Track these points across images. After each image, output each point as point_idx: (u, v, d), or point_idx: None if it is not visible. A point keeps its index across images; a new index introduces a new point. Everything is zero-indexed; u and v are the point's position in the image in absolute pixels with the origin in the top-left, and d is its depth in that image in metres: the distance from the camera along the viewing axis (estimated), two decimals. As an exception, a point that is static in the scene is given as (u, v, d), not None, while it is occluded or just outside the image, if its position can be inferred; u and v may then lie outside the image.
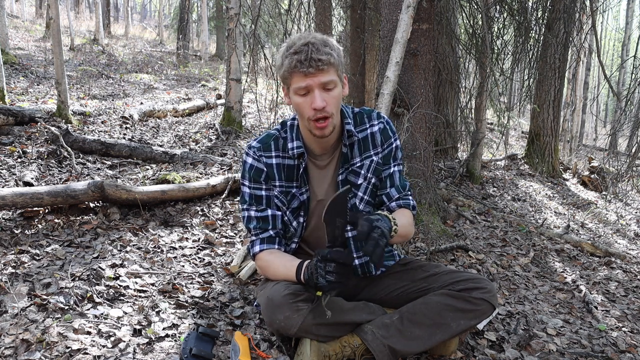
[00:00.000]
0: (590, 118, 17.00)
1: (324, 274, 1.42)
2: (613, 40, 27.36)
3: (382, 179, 1.74)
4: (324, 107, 1.48)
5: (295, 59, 1.45)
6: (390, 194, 1.75)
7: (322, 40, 1.48)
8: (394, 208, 1.74)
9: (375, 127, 1.70)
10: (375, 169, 1.71)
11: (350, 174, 1.69)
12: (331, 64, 1.47)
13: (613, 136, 6.29)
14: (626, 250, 3.84)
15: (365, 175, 1.70)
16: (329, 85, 1.49)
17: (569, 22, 5.25)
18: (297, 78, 1.48)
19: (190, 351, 1.50)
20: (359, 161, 1.69)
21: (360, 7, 5.50)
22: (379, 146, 1.71)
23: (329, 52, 1.46)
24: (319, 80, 1.47)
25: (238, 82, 5.59)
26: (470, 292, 1.63)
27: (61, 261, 2.15)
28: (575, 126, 12.45)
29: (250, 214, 1.71)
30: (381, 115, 1.73)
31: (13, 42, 10.16)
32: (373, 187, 1.73)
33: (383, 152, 1.71)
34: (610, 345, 2.05)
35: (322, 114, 1.49)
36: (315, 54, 1.44)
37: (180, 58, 13.14)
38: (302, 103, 1.51)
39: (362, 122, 1.70)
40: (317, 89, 1.47)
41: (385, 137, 1.71)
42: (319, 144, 1.66)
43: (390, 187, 1.74)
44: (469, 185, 4.93)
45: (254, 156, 1.67)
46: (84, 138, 3.99)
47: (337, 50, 1.51)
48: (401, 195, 1.75)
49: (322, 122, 1.51)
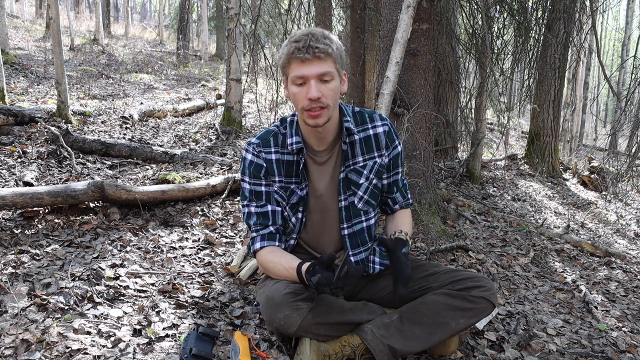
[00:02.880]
0: (590, 118, 17.00)
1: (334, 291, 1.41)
2: (613, 40, 27.36)
3: (390, 184, 1.79)
4: (319, 97, 1.48)
5: (294, 46, 1.47)
6: (395, 199, 1.83)
7: (323, 33, 1.51)
8: (396, 210, 1.85)
9: (379, 128, 1.71)
10: (377, 170, 1.72)
11: (351, 173, 1.70)
12: (329, 54, 1.48)
13: (613, 136, 6.28)
14: (626, 250, 3.84)
15: (367, 175, 1.71)
16: (326, 76, 1.49)
17: (569, 22, 5.25)
18: (294, 65, 1.49)
19: (190, 351, 1.50)
20: (362, 161, 1.70)
21: (360, 7, 5.50)
22: (383, 149, 1.72)
23: (327, 44, 1.48)
24: (316, 71, 1.47)
25: (238, 82, 5.59)
26: (470, 290, 1.64)
27: (61, 261, 2.15)
28: (575, 126, 12.45)
29: (251, 210, 1.71)
30: (384, 117, 1.74)
31: (13, 42, 10.16)
32: (374, 188, 1.74)
33: (389, 156, 1.73)
34: (610, 345, 2.05)
35: (316, 104, 1.50)
36: (314, 42, 1.46)
37: (180, 58, 13.14)
38: (298, 93, 1.51)
39: (363, 122, 1.70)
40: (314, 79, 1.48)
41: (390, 140, 1.72)
42: (317, 139, 1.66)
43: (395, 192, 1.82)
44: (469, 185, 4.93)
45: (253, 152, 1.68)
46: (84, 138, 3.99)
47: (336, 44, 1.52)
48: (405, 198, 1.85)
49: (316, 111, 1.51)
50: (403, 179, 1.84)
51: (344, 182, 1.69)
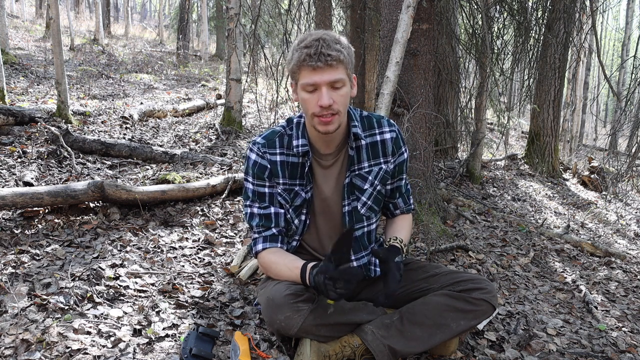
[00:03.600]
0: (590, 118, 16.99)
1: (334, 289, 1.41)
2: (613, 40, 27.36)
3: (393, 190, 1.79)
4: (331, 105, 1.47)
5: (305, 53, 1.44)
6: (397, 204, 1.84)
7: (334, 38, 1.47)
8: (397, 214, 1.86)
9: (386, 134, 1.69)
10: (382, 177, 1.71)
11: (356, 178, 1.68)
12: (340, 61, 1.45)
13: (613, 136, 6.28)
14: (626, 250, 3.84)
15: (372, 181, 1.70)
16: (337, 84, 1.47)
17: (569, 22, 5.25)
18: (305, 72, 1.46)
19: (190, 351, 1.50)
20: (368, 167, 1.69)
21: (360, 7, 5.50)
22: (389, 155, 1.70)
23: (339, 49, 1.45)
24: (327, 78, 1.45)
25: (238, 82, 5.59)
26: (470, 292, 1.63)
27: (61, 261, 2.15)
28: (575, 126, 12.45)
29: (253, 211, 1.69)
30: (392, 123, 1.72)
31: (13, 42, 10.16)
32: (378, 194, 1.73)
33: (394, 163, 1.72)
34: (610, 345, 2.05)
35: (327, 111, 1.48)
36: (326, 49, 1.43)
37: (180, 58, 13.14)
38: (308, 99, 1.49)
39: (370, 127, 1.69)
40: (325, 87, 1.46)
41: (397, 147, 1.71)
42: (324, 143, 1.64)
43: (398, 198, 1.82)
44: (469, 185, 4.93)
45: (258, 152, 1.66)
46: (84, 138, 3.99)
47: (347, 49, 1.50)
48: (407, 204, 1.85)
49: (327, 117, 1.49)
50: (407, 185, 1.83)
51: (349, 187, 1.68)
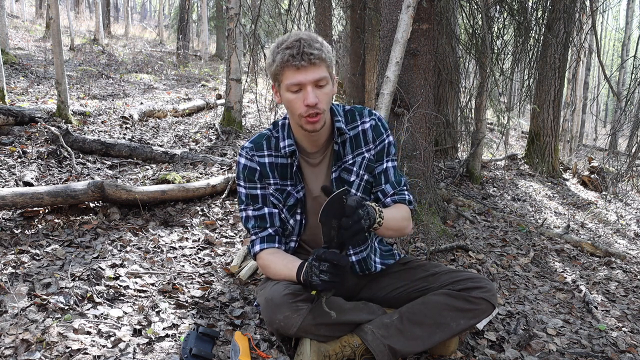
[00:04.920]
0: (590, 118, 17.00)
1: (318, 273, 1.42)
2: (613, 40, 27.36)
3: (376, 176, 1.73)
4: (317, 103, 1.49)
5: (287, 53, 1.46)
6: (385, 190, 1.74)
7: (313, 37, 1.51)
8: (389, 204, 1.74)
9: (366, 124, 1.70)
10: (367, 165, 1.71)
11: (343, 172, 1.70)
12: (323, 59, 1.48)
13: (613, 136, 6.29)
14: (626, 250, 3.84)
15: (357, 172, 1.70)
16: (321, 82, 1.50)
17: (569, 22, 5.25)
18: (289, 73, 1.48)
19: (190, 351, 1.50)
20: (351, 158, 1.70)
21: (360, 7, 5.50)
22: (370, 143, 1.70)
23: (320, 48, 1.48)
24: (312, 77, 1.47)
25: (238, 82, 5.59)
26: (470, 291, 1.63)
27: (61, 261, 2.15)
28: (575, 126, 12.46)
29: (248, 214, 1.72)
30: (373, 112, 1.73)
31: (13, 42, 10.15)
32: (366, 183, 1.73)
33: (375, 149, 1.71)
34: (610, 345, 2.05)
35: (314, 110, 1.50)
36: (308, 48, 1.46)
37: (180, 58, 13.13)
38: (293, 100, 1.51)
39: (353, 120, 1.70)
40: (310, 85, 1.48)
41: (377, 133, 1.71)
42: (310, 142, 1.66)
43: (385, 184, 1.73)
44: (469, 185, 4.93)
45: (246, 156, 1.69)
46: (84, 138, 3.99)
47: (326, 47, 1.53)
48: (396, 190, 1.74)
49: (313, 117, 1.51)
50: (398, 175, 1.76)
51: (337, 181, 1.69)
